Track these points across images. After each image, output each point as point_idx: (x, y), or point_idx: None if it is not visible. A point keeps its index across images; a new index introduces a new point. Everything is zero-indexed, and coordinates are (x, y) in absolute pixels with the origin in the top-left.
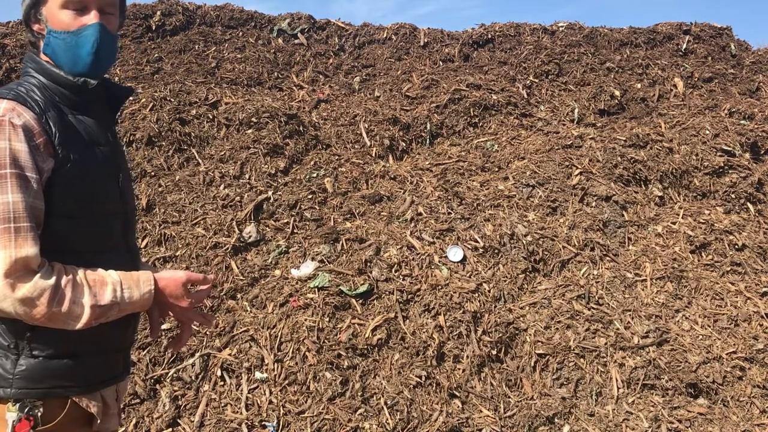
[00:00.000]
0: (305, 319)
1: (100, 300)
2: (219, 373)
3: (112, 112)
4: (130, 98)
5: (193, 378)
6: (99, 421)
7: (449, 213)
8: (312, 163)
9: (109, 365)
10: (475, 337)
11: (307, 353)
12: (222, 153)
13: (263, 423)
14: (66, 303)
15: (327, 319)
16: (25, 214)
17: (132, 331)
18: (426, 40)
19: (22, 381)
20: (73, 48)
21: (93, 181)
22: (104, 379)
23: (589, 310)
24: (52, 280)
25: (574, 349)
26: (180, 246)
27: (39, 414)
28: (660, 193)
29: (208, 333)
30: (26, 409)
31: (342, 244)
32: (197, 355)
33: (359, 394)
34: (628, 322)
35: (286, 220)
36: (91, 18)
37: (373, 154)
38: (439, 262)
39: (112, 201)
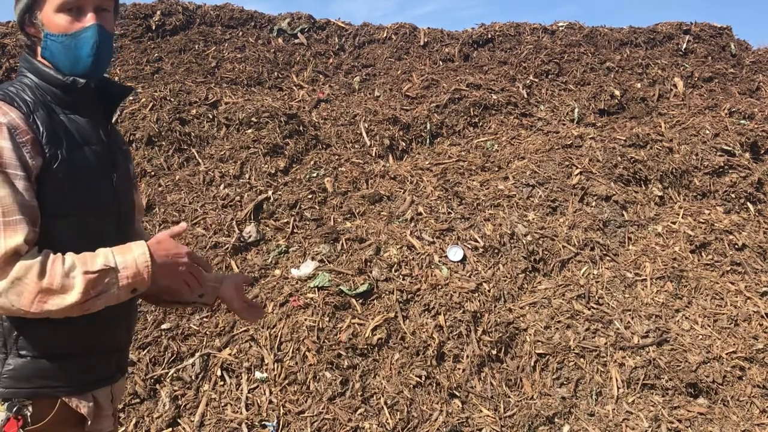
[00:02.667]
0: (305, 319)
1: (91, 267)
2: (219, 373)
3: (107, 111)
4: (130, 98)
5: (193, 378)
6: (90, 422)
7: (449, 213)
8: (312, 162)
9: (101, 366)
10: (475, 336)
11: (307, 353)
12: (222, 153)
13: (263, 423)
14: (57, 276)
15: (327, 319)
16: (15, 207)
17: (126, 332)
18: (426, 40)
19: (10, 380)
20: (72, 50)
21: (83, 180)
22: (96, 379)
23: (589, 309)
24: (39, 258)
25: (574, 349)
26: None
27: (28, 414)
28: (660, 193)
29: (208, 333)
30: (15, 409)
31: (342, 243)
32: (197, 354)
33: (359, 393)
34: (628, 321)
35: (286, 220)
36: (89, 20)
37: (373, 154)
38: (439, 261)
39: (105, 201)
